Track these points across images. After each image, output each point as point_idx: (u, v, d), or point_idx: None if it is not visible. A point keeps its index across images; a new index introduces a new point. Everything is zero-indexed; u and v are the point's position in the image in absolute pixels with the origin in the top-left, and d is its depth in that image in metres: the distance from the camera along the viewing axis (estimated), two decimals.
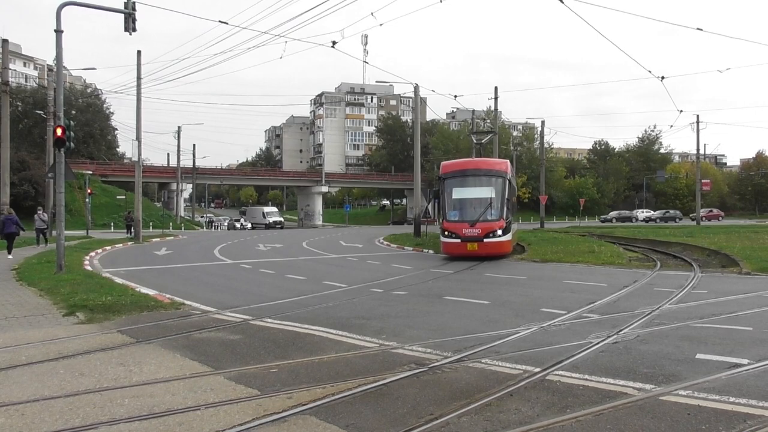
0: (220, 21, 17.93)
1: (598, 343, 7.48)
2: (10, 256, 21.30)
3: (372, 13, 16.12)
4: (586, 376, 6.04)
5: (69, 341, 8.03)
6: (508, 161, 23.65)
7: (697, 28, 19.92)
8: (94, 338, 8.22)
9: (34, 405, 5.33)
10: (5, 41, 35.77)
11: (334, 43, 11.30)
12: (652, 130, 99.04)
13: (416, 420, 4.88)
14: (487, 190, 20.84)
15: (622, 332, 8.13)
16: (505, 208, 20.52)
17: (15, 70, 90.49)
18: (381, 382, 5.89)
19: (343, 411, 5.13)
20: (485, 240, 19.80)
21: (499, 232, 20.02)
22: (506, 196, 20.76)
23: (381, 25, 30.82)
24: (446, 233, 20.67)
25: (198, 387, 5.82)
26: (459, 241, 20.15)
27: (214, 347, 7.61)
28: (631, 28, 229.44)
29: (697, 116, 53.35)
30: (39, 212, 28.87)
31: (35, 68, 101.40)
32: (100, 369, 6.55)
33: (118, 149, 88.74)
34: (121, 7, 17.51)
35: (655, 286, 13.11)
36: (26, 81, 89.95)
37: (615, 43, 72.68)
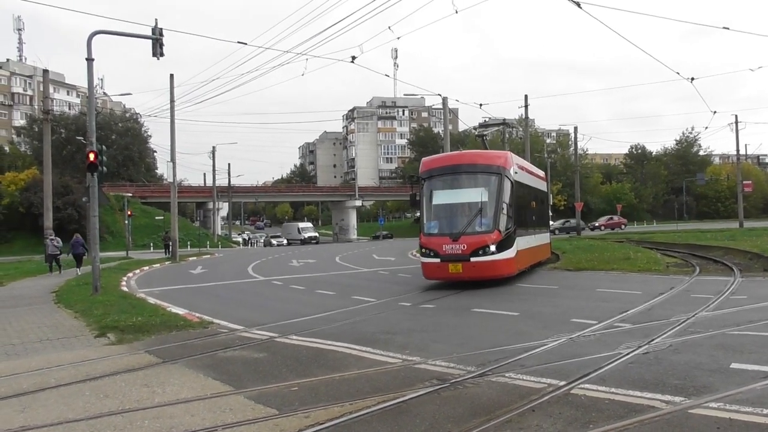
0: (238, 42, 18.24)
1: (627, 354, 7.24)
2: (79, 271, 24.76)
3: (389, 27, 15.99)
4: (613, 389, 5.84)
5: (98, 362, 8.16)
6: (509, 153, 17.31)
7: (724, 27, 19.41)
8: (122, 359, 8.34)
9: (57, 428, 5.41)
10: (46, 71, 37.03)
11: (353, 58, 11.44)
12: (690, 133, 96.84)
13: None
14: (477, 192, 15.71)
15: (654, 342, 7.86)
16: (502, 215, 15.40)
17: (58, 99, 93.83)
18: (400, 399, 5.80)
19: (360, 430, 5.06)
20: (473, 259, 14.75)
21: (493, 247, 14.88)
22: (506, 199, 15.65)
23: (398, 38, 31.03)
24: (424, 251, 15.74)
25: (218, 407, 5.83)
26: (438, 261, 15.09)
27: (238, 366, 7.63)
28: (658, 30, 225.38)
29: (736, 116, 52.02)
30: (50, 237, 26.98)
31: (77, 96, 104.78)
32: (124, 390, 6.62)
33: (156, 171, 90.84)
34: (149, 33, 17.94)
35: (692, 292, 12.70)
36: (69, 108, 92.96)
37: (639, 46, 71.88)
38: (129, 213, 47.92)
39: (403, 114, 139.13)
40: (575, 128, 56.67)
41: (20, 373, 7.66)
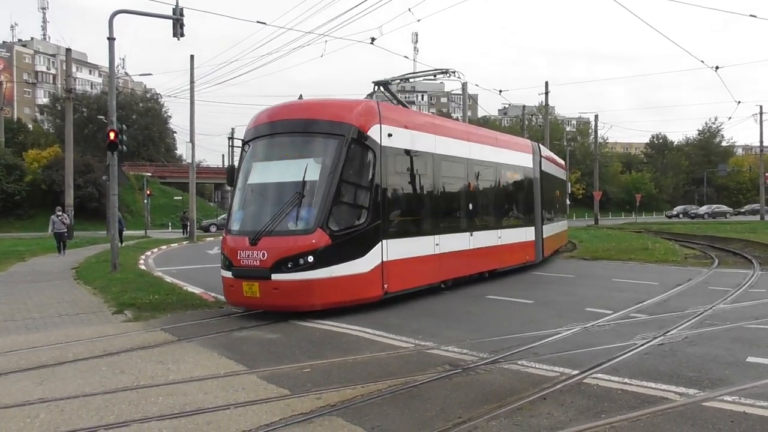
0: (258, 21, 18.16)
1: (642, 345, 7.20)
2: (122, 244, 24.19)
3: (409, 9, 15.74)
4: (626, 380, 5.81)
5: (114, 339, 8.28)
6: (374, 105, 10.81)
7: (751, 15, 18.94)
8: (139, 336, 8.45)
9: (74, 401, 5.51)
10: (69, 50, 37.33)
11: (372, 39, 11.38)
12: (713, 123, 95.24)
13: (443, 423, 4.80)
14: (300, 166, 9.76)
15: (670, 333, 7.80)
16: (340, 204, 9.69)
17: (80, 78, 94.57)
18: (412, 384, 5.82)
19: (371, 412, 5.09)
20: (275, 276, 9.20)
21: (311, 257, 9.21)
22: (356, 178, 9.94)
23: (419, 21, 30.71)
24: (222, 257, 10.25)
25: (230, 386, 5.89)
26: (230, 275, 9.80)
27: (251, 346, 7.70)
28: (683, 18, 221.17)
29: (760, 107, 51.17)
30: (58, 213, 23.54)
31: (100, 75, 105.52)
32: (139, 366, 6.72)
33: (176, 151, 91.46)
34: (170, 13, 17.96)
35: (709, 284, 12.57)
36: (92, 88, 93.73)
37: (664, 34, 70.10)
38: (148, 192, 48.41)
39: (423, 99, 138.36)
40: (596, 116, 56.12)
41: (40, 346, 7.80)
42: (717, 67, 25.36)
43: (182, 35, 17.84)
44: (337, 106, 10.63)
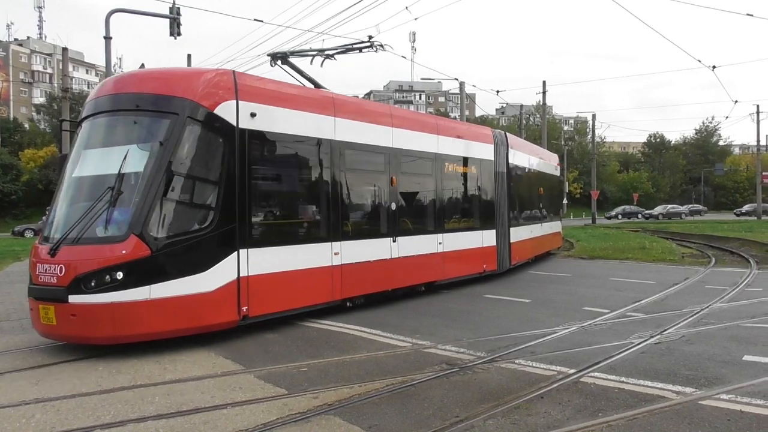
0: (255, 20, 18.12)
1: (639, 344, 7.21)
2: None
3: (407, 8, 15.67)
4: (623, 379, 5.81)
5: None
6: (221, 72, 8.43)
7: (747, 14, 18.99)
8: None
9: (70, 401, 5.49)
10: (65, 50, 37.08)
11: (370, 38, 11.28)
12: (710, 122, 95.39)
13: (441, 422, 4.80)
14: (120, 156, 7.65)
15: (666, 332, 7.81)
16: (164, 202, 7.42)
17: (77, 77, 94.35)
18: (409, 383, 5.82)
19: (368, 412, 5.08)
20: (74, 299, 7.00)
21: (119, 273, 7.04)
22: (181, 169, 7.61)
23: (416, 19, 30.53)
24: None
25: (227, 385, 5.88)
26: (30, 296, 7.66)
27: (249, 345, 7.69)
28: (681, 17, 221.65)
29: (757, 106, 51.19)
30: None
31: (96, 75, 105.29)
32: (136, 366, 6.69)
33: None
34: (167, 12, 17.94)
35: (706, 283, 12.59)
36: (88, 87, 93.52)
37: (661, 33, 70.29)
38: None
39: (420, 98, 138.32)
40: (593, 115, 56.12)
41: (35, 346, 7.77)
42: (714, 67, 25.38)
43: (179, 34, 17.84)
44: (171, 76, 8.27)
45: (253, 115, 8.31)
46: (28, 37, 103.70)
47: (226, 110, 8.01)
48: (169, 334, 7.45)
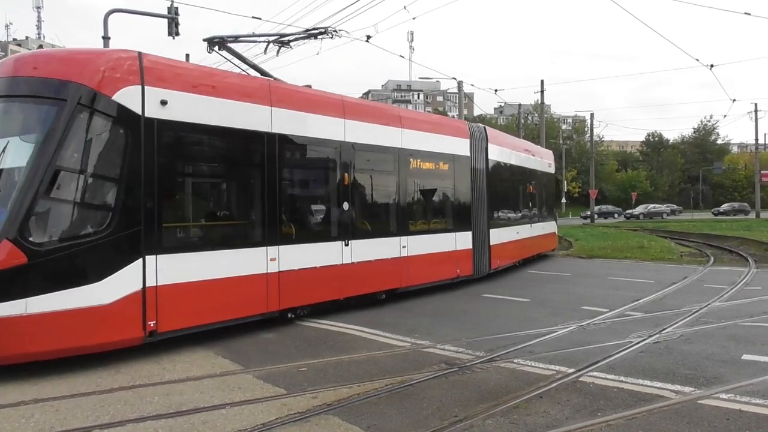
0: (254, 17, 18.03)
1: (638, 343, 7.22)
2: None
3: (405, 7, 15.66)
4: (622, 378, 5.82)
5: None
6: (122, 53, 7.19)
7: (745, 13, 19.03)
8: None
9: (69, 401, 5.48)
10: None
11: (368, 37, 11.19)
12: (708, 121, 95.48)
13: (439, 422, 4.80)
14: None
15: (665, 331, 7.83)
16: (48, 202, 6.49)
17: None
18: (408, 383, 5.83)
19: (367, 411, 5.08)
20: None
21: None
22: (71, 164, 6.59)
23: (414, 18, 30.44)
24: None
25: (226, 385, 5.88)
26: None
27: (248, 345, 7.68)
28: (678, 16, 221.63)
29: (755, 104, 51.45)
30: None
31: None
32: (135, 366, 6.68)
33: None
34: (165, 12, 17.91)
35: (705, 282, 12.61)
36: None
37: (659, 32, 70.20)
38: None
39: (418, 98, 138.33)
40: (591, 114, 56.09)
41: None
42: (712, 65, 25.34)
43: (177, 34, 17.79)
44: (68, 58, 7.22)
45: (164, 102, 7.26)
46: (27, 37, 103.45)
47: (127, 96, 6.93)
48: (53, 354, 6.40)
